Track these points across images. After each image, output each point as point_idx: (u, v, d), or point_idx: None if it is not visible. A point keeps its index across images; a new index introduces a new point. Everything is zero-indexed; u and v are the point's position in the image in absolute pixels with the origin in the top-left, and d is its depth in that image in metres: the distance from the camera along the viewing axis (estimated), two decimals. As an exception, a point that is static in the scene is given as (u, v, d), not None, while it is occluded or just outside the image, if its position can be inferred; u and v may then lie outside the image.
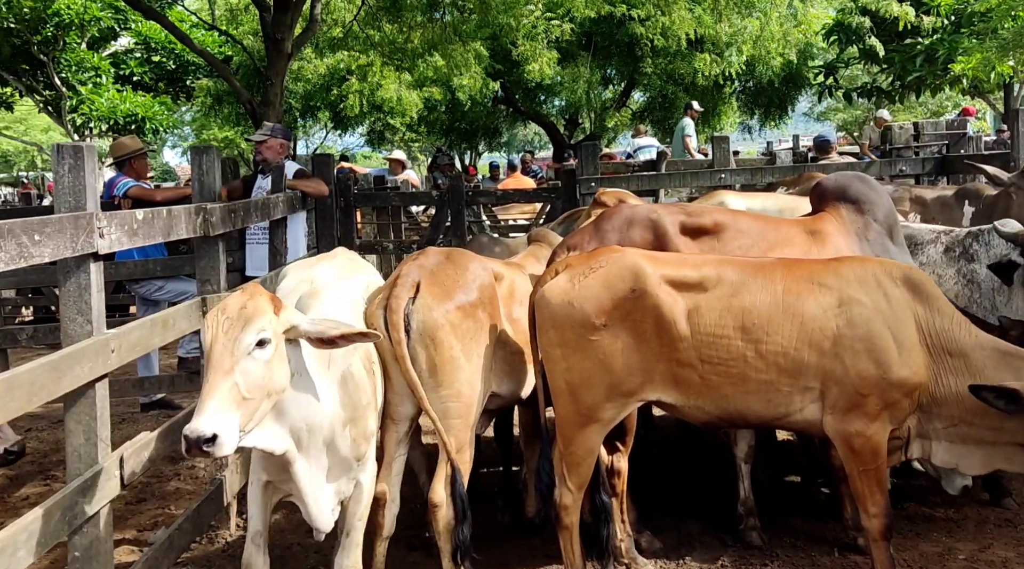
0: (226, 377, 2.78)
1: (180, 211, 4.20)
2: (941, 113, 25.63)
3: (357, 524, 3.46)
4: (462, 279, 3.82)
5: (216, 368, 2.80)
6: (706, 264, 3.70)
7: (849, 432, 3.50)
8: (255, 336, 2.85)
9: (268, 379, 2.87)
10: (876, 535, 3.59)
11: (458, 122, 19.35)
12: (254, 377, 2.83)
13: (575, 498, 3.75)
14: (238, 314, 2.88)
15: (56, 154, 3.30)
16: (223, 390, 2.77)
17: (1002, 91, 16.96)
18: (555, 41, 14.43)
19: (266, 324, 2.89)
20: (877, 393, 3.44)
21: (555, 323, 3.63)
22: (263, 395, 2.86)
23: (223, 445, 2.71)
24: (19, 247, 2.84)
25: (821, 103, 28.85)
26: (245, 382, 2.81)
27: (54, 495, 3.13)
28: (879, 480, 3.56)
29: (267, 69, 9.14)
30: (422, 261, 3.86)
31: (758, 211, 5.37)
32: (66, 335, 3.31)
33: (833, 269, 3.63)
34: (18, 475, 5.99)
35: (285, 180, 6.33)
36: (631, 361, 3.57)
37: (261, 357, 2.86)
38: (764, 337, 3.51)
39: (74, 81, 16.69)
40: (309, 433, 3.11)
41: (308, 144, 28.52)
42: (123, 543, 4.65)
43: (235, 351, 2.83)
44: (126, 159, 6.99)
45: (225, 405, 2.75)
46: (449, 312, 3.68)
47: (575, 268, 3.68)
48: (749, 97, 18.96)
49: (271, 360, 2.88)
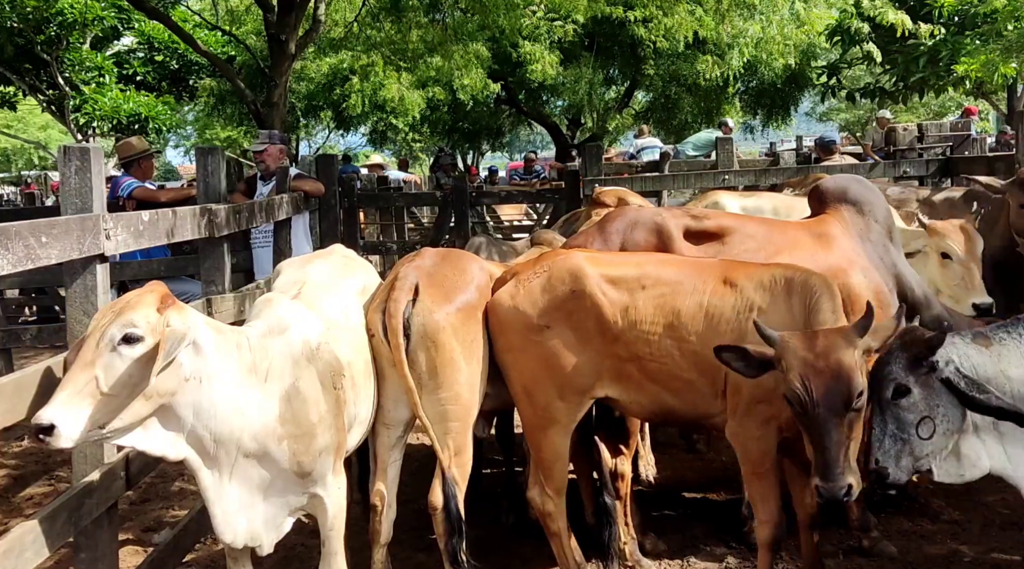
0: (84, 370, 2.68)
1: (186, 212, 4.21)
2: (944, 114, 25.59)
3: (330, 534, 3.42)
4: (460, 280, 3.80)
5: (79, 359, 2.71)
6: (647, 263, 3.76)
7: (742, 435, 3.54)
8: (121, 331, 2.71)
9: (138, 378, 2.71)
10: (763, 542, 3.61)
11: (461, 122, 19.33)
12: (117, 373, 2.69)
13: (556, 503, 3.77)
14: (118, 308, 2.77)
15: (63, 156, 3.30)
16: (78, 382, 2.66)
17: (1005, 92, 16.93)
18: (557, 42, 14.42)
19: (138, 320, 2.73)
20: (769, 399, 3.42)
21: (503, 328, 3.73)
22: (130, 394, 2.72)
23: (60, 437, 2.60)
24: (26, 249, 2.85)
25: (824, 103, 28.86)
26: (106, 377, 2.68)
27: (60, 496, 3.13)
28: (770, 485, 3.58)
29: (271, 69, 9.14)
30: (419, 262, 3.83)
31: (752, 210, 5.37)
32: (72, 336, 3.31)
33: (751, 273, 3.64)
34: (22, 475, 6.00)
35: (289, 181, 6.35)
36: (578, 360, 3.65)
37: (128, 354, 2.71)
38: (687, 337, 3.55)
39: (77, 80, 16.68)
40: (218, 444, 2.97)
41: (311, 144, 28.53)
42: (128, 544, 4.66)
43: (99, 344, 2.70)
44: (134, 160, 6.99)
45: (75, 398, 2.64)
46: (450, 314, 3.67)
47: (521, 274, 3.77)
48: (752, 97, 18.93)
49: (142, 359, 2.71)
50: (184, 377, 2.85)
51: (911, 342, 3.11)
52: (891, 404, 3.07)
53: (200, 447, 2.97)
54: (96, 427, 2.68)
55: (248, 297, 4.74)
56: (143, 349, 2.73)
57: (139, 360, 2.72)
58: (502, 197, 9.46)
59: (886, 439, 3.04)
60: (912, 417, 3.03)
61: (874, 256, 4.32)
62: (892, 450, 3.03)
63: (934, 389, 3.05)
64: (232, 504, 3.07)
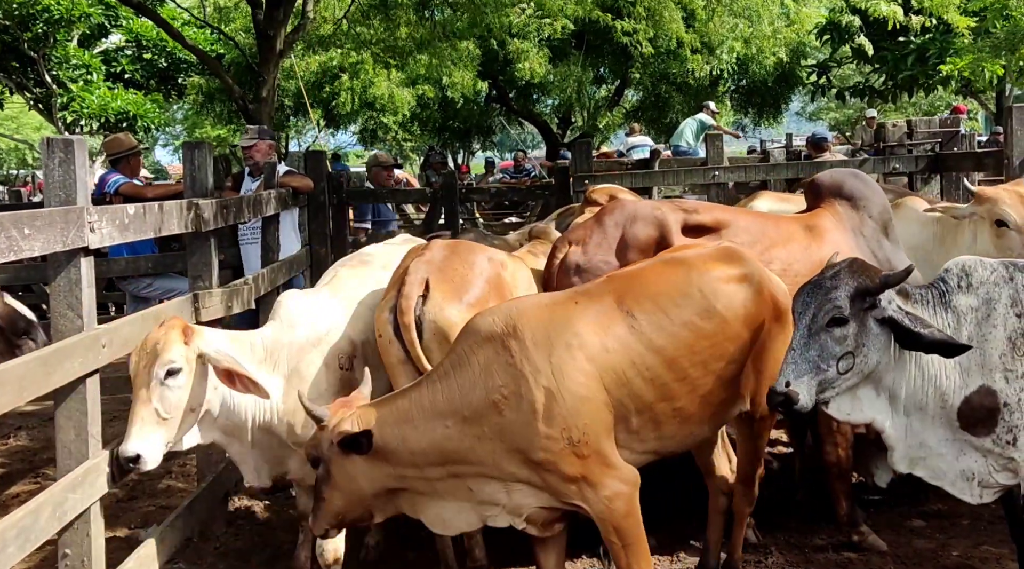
0: (145, 406, 3.35)
1: (172, 206, 4.17)
2: (933, 113, 25.68)
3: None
4: (470, 274, 3.79)
5: (137, 398, 3.38)
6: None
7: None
8: (164, 369, 3.36)
9: (184, 399, 3.42)
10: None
11: (451, 121, 19.28)
12: (170, 400, 3.38)
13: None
14: (152, 350, 3.41)
15: (46, 148, 3.26)
16: (144, 417, 3.34)
17: (994, 91, 17.01)
18: (547, 40, 14.39)
19: (175, 356, 3.39)
20: None
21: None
22: (182, 412, 3.42)
23: (146, 462, 3.33)
24: (8, 240, 2.81)
25: (813, 102, 28.95)
26: (163, 406, 3.37)
27: (43, 491, 3.10)
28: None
29: (259, 66, 9.09)
30: (428, 257, 3.80)
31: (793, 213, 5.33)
32: (56, 330, 3.28)
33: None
34: (8, 473, 5.95)
35: (277, 176, 6.31)
36: None
37: (174, 384, 3.39)
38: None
39: (64, 78, 16.56)
40: (237, 425, 3.66)
41: (300, 142, 28.40)
42: (114, 541, 4.61)
43: (150, 383, 3.36)
44: (122, 156, 6.93)
45: (147, 429, 3.34)
46: (461, 311, 3.65)
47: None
48: (742, 96, 18.97)
49: (184, 384, 3.41)
50: (213, 386, 3.52)
51: (862, 273, 3.01)
52: (823, 330, 2.95)
53: (226, 430, 3.67)
54: (165, 444, 3.41)
55: (236, 293, 4.70)
56: (184, 377, 3.41)
57: (183, 386, 3.41)
58: (492, 194, 9.42)
59: (803, 363, 2.92)
60: (838, 350, 2.94)
61: (867, 250, 4.31)
62: (806, 376, 2.92)
63: (866, 327, 2.97)
64: (257, 462, 3.79)
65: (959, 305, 3.05)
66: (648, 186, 7.88)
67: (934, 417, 3.09)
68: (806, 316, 2.98)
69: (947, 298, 3.07)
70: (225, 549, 4.59)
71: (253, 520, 4.96)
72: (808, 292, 3.02)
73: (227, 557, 4.50)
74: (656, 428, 3.28)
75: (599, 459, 3.10)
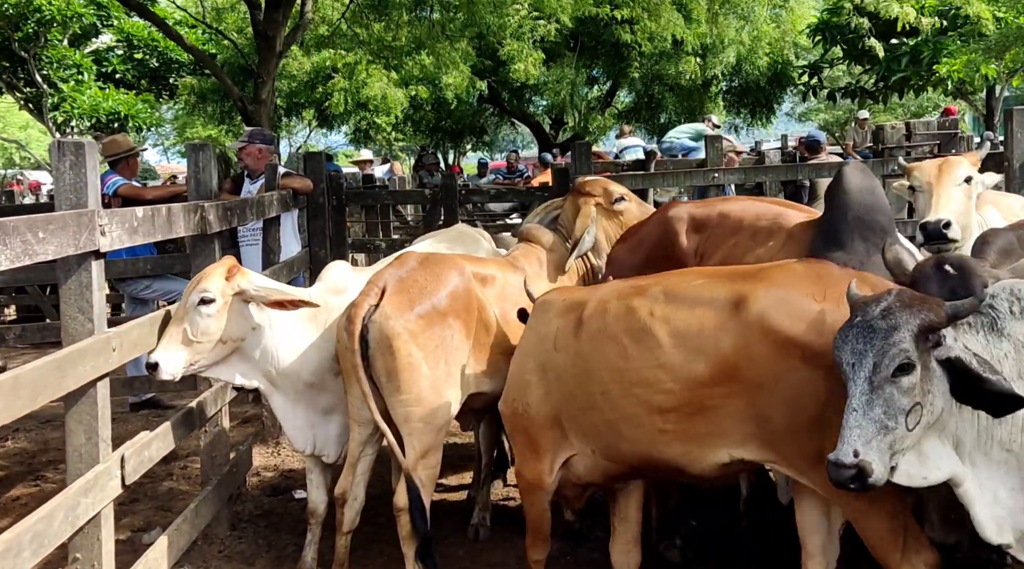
0: (176, 325, 3.71)
1: (178, 209, 4.17)
2: (921, 114, 25.82)
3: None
4: (431, 286, 3.85)
5: (175, 316, 3.76)
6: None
7: None
8: (198, 296, 3.70)
9: (213, 327, 3.71)
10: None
11: (444, 121, 19.28)
12: (199, 325, 3.69)
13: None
14: (197, 279, 3.77)
15: (57, 151, 3.25)
16: (172, 334, 3.69)
17: (984, 93, 17.11)
18: (540, 41, 14.42)
19: (211, 287, 3.70)
20: None
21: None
22: (210, 341, 3.72)
23: (162, 371, 3.63)
24: (24, 244, 2.80)
25: (803, 103, 29.03)
26: (191, 329, 3.69)
27: (57, 496, 3.08)
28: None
29: (258, 66, 9.06)
30: (394, 268, 3.91)
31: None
32: (67, 334, 3.27)
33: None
34: (8, 476, 5.92)
35: (278, 178, 6.30)
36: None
37: (205, 312, 3.69)
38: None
39: (55, 78, 16.46)
40: (281, 376, 3.95)
41: (291, 142, 28.31)
42: (118, 544, 4.56)
43: (186, 305, 3.71)
44: (121, 157, 6.90)
45: (172, 345, 3.66)
46: (408, 321, 3.74)
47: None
48: (735, 97, 19.02)
49: (215, 314, 3.70)
50: (252, 326, 3.83)
51: (920, 306, 2.48)
52: (888, 381, 2.42)
53: (270, 378, 3.96)
54: (188, 364, 3.70)
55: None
56: (216, 308, 3.71)
57: (213, 316, 3.70)
58: (491, 195, 9.42)
59: (870, 425, 2.39)
60: (906, 402, 2.41)
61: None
62: (875, 441, 2.39)
63: (929, 370, 2.46)
64: (300, 421, 4.06)
65: (1015, 333, 2.57)
66: (645, 187, 7.89)
67: (1000, 462, 2.60)
68: (864, 367, 2.45)
69: (999, 324, 2.58)
70: (229, 552, 4.58)
71: (257, 523, 4.94)
72: (859, 337, 2.49)
73: (232, 560, 4.49)
74: None
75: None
